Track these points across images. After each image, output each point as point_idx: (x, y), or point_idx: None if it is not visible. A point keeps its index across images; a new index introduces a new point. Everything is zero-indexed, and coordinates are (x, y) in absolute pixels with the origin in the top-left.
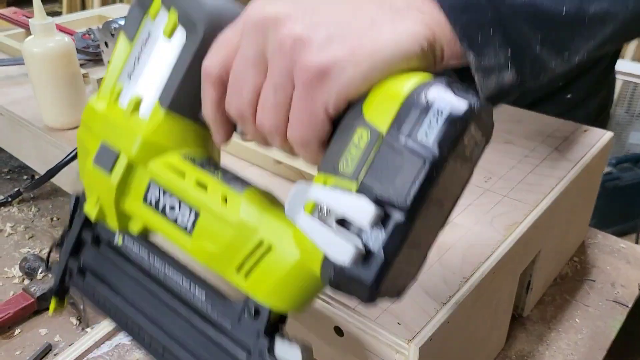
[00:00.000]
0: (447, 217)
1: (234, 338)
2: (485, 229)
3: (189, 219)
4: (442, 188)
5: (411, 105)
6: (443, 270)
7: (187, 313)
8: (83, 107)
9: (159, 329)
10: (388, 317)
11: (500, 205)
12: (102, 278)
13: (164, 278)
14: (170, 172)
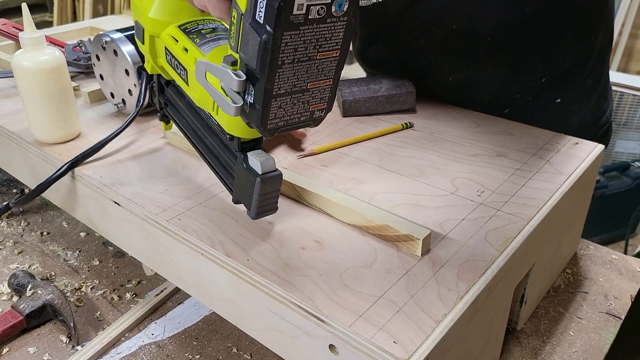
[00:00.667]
0: (339, 63)
1: (230, 150)
2: (479, 244)
3: (185, 75)
4: (291, 50)
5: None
6: (438, 287)
7: (210, 131)
8: (74, 121)
9: (201, 140)
10: (383, 335)
11: (494, 220)
12: (173, 106)
13: (197, 108)
14: (171, 40)
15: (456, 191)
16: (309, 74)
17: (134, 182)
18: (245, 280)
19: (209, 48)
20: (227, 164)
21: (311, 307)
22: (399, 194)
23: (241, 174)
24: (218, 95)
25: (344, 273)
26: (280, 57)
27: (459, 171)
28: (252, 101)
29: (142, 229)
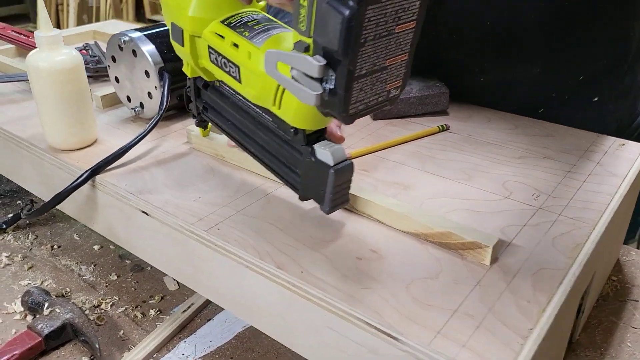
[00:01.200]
0: (415, 36)
1: (292, 146)
2: (548, 251)
3: (236, 72)
4: (373, 26)
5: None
6: (515, 298)
7: (264, 128)
8: (91, 126)
9: (252, 140)
10: (468, 354)
11: (558, 225)
12: (215, 109)
13: (246, 107)
14: (216, 38)
15: (510, 195)
16: (388, 50)
17: (162, 190)
18: (299, 294)
19: (261, 40)
20: (289, 161)
21: (381, 324)
22: (450, 199)
23: (310, 168)
24: (293, 86)
25: (410, 285)
26: (363, 35)
27: (507, 174)
28: (332, 87)
29: (174, 240)
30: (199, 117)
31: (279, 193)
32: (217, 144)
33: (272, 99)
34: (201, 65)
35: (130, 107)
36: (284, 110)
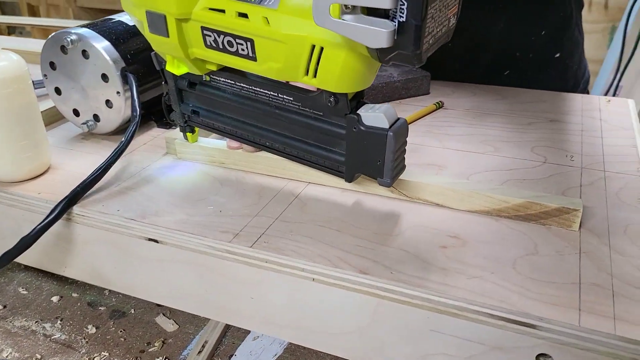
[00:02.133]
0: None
1: (329, 121)
2: (620, 207)
3: (247, 48)
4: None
5: None
6: (625, 259)
7: (283, 114)
8: (44, 148)
9: (269, 132)
10: (626, 326)
11: (611, 181)
12: (210, 110)
13: (254, 95)
14: (212, 13)
15: (547, 160)
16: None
17: (171, 210)
18: (393, 298)
19: (274, 1)
20: (325, 141)
21: (512, 312)
22: (492, 171)
23: (358, 140)
24: (358, 30)
25: (516, 265)
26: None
27: (529, 140)
28: (404, 19)
29: (200, 267)
30: (185, 124)
31: (309, 192)
32: (212, 150)
33: (303, 68)
34: (192, 55)
35: (79, 122)
36: (321, 77)
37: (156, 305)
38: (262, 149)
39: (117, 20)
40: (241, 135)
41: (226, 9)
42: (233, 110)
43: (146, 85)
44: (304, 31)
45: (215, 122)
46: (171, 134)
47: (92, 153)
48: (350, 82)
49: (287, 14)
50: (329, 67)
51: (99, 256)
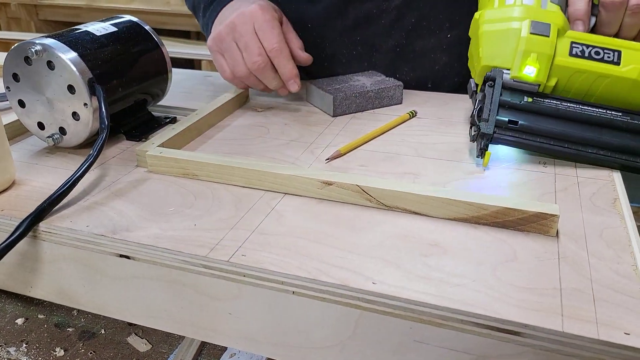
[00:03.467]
0: None
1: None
2: (595, 211)
3: (614, 56)
4: None
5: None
6: (604, 263)
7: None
8: (9, 162)
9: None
10: (608, 330)
11: (584, 186)
12: (524, 128)
13: (579, 111)
14: (585, 36)
15: (521, 167)
16: None
17: (143, 224)
18: (375, 310)
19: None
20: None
21: (496, 320)
22: (468, 179)
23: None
24: None
25: (496, 272)
26: None
27: (503, 148)
28: None
29: (175, 283)
30: (492, 134)
31: (286, 203)
32: (185, 162)
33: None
34: (556, 63)
35: (44, 136)
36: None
37: (128, 325)
38: (576, 159)
39: (84, 30)
40: (554, 150)
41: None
42: (555, 125)
43: (114, 96)
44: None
45: (530, 136)
46: (142, 146)
47: (59, 167)
48: None
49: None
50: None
51: (67, 275)
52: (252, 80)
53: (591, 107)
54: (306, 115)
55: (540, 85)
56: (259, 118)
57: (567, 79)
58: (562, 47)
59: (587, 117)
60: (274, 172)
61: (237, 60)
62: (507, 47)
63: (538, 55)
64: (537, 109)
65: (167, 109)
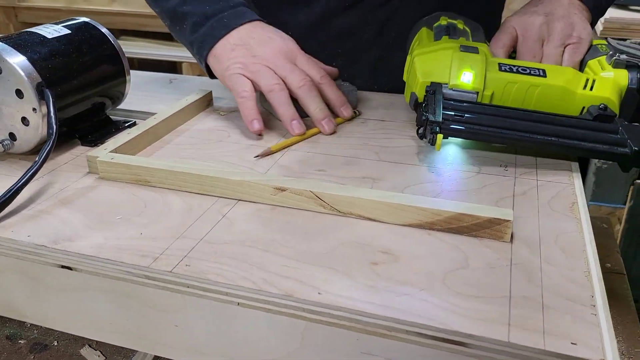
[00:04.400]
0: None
1: (601, 128)
2: (552, 216)
3: (539, 72)
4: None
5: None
6: (556, 269)
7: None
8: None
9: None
10: (555, 340)
11: (544, 190)
12: (470, 119)
13: (522, 111)
14: (510, 60)
15: (481, 170)
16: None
17: (87, 234)
18: (321, 321)
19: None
20: (595, 137)
21: (441, 330)
22: (427, 183)
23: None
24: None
25: (446, 280)
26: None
27: (465, 151)
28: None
29: (119, 295)
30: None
31: (238, 210)
32: (137, 168)
33: (581, 86)
34: (489, 76)
35: None
36: (595, 91)
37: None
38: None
39: (35, 33)
40: (505, 137)
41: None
42: (493, 121)
43: (67, 101)
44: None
45: (478, 126)
46: (93, 152)
47: (9, 175)
48: (614, 98)
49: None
50: (601, 87)
51: (9, 286)
52: (283, 104)
53: (534, 113)
54: (269, 119)
55: (479, 95)
56: (221, 122)
57: (502, 90)
58: (492, 66)
59: (529, 115)
60: (226, 178)
61: (274, 78)
62: (441, 65)
63: (472, 66)
64: (481, 109)
65: (128, 112)
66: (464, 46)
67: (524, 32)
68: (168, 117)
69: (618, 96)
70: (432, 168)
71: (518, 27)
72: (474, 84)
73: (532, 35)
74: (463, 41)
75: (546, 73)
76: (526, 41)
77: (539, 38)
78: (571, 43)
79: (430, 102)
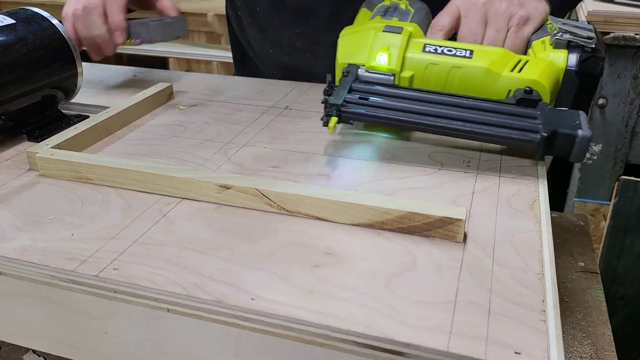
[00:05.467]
0: None
1: (521, 113)
2: (510, 214)
3: (466, 53)
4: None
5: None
6: (508, 271)
7: (466, 103)
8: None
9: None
10: (496, 348)
11: (505, 186)
12: (381, 105)
13: (441, 95)
14: (439, 41)
15: (443, 166)
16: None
17: (14, 235)
18: (254, 329)
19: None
20: (519, 126)
21: (378, 339)
22: (385, 180)
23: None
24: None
25: (390, 284)
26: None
27: (428, 146)
28: (592, 51)
29: (46, 300)
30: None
31: (181, 209)
32: (78, 165)
33: (510, 67)
34: (410, 56)
35: None
36: (524, 73)
37: None
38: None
39: None
40: (412, 123)
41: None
42: (407, 105)
43: (10, 94)
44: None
45: (378, 113)
46: (34, 148)
47: None
48: (546, 82)
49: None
50: (531, 69)
51: None
52: (80, 24)
53: (451, 96)
54: (231, 113)
55: (396, 77)
56: (179, 116)
57: (423, 72)
58: (415, 46)
59: (440, 98)
60: (169, 175)
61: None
62: (361, 46)
63: (390, 47)
64: (391, 92)
65: (84, 107)
66: (389, 26)
67: (467, 12)
68: (121, 112)
69: (552, 79)
70: (391, 164)
71: (461, 7)
72: (390, 65)
73: (474, 16)
74: (395, 21)
75: (473, 54)
76: (468, 22)
77: (481, 19)
78: (515, 24)
79: (340, 85)
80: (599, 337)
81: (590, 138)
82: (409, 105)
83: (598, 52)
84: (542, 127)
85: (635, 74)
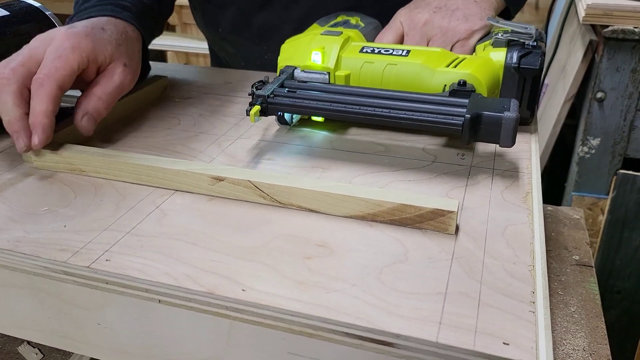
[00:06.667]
0: None
1: (451, 102)
2: (503, 206)
3: (403, 52)
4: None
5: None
6: (500, 263)
7: (395, 96)
8: None
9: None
10: (485, 339)
11: (498, 179)
12: (307, 96)
13: (355, 92)
14: (378, 44)
15: (436, 159)
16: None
17: (8, 226)
18: (246, 320)
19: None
20: (446, 111)
21: (368, 330)
22: (378, 173)
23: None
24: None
25: (381, 275)
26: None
27: (423, 139)
28: (534, 49)
29: (39, 291)
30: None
31: (174, 200)
32: (71, 157)
33: (446, 64)
34: (346, 56)
35: None
36: (460, 68)
37: None
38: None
39: None
40: (339, 111)
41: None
42: (339, 98)
43: None
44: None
45: (306, 103)
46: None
47: None
48: (484, 76)
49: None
50: (468, 64)
51: None
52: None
53: (382, 90)
54: (226, 105)
55: (331, 75)
56: (174, 109)
57: (359, 71)
58: (352, 48)
59: (370, 92)
60: (163, 167)
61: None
62: (300, 50)
63: (325, 46)
64: (321, 87)
65: None
66: (328, 30)
67: (409, 29)
68: (116, 104)
69: (489, 74)
70: (384, 157)
71: (404, 23)
72: (324, 63)
73: (415, 35)
74: (338, 29)
75: (409, 53)
76: (411, 40)
77: (423, 36)
78: (460, 39)
79: (272, 81)
80: (593, 330)
81: (517, 120)
82: (335, 96)
83: (537, 49)
84: (466, 111)
85: (634, 67)
